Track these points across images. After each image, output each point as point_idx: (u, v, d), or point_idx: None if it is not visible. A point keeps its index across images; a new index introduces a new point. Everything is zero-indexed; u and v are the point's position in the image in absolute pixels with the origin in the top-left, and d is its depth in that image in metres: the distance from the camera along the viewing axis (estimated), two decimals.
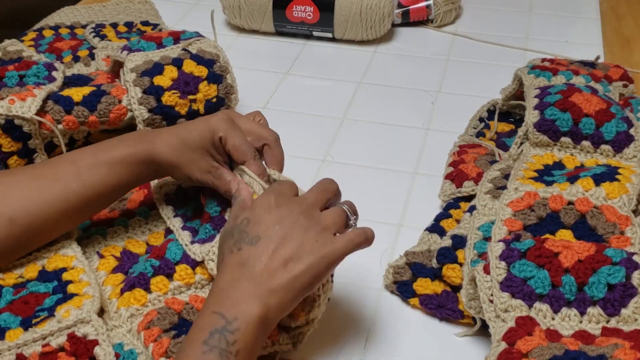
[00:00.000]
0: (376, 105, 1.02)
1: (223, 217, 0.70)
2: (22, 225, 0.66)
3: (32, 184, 0.68)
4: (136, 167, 0.69)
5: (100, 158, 0.68)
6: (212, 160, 0.68)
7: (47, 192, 0.67)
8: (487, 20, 1.25)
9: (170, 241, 0.71)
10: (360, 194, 0.84)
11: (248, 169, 0.68)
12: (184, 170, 0.69)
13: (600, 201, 0.70)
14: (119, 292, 0.67)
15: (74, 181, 0.68)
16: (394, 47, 1.18)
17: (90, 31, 1.12)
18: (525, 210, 0.70)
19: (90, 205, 0.70)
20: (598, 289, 0.60)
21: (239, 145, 0.68)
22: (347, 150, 0.92)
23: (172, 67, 0.86)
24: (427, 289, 0.68)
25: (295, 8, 1.15)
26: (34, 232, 0.68)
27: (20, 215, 0.66)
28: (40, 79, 0.86)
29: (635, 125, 0.81)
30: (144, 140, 0.69)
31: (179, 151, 0.68)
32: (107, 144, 0.70)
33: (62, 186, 0.68)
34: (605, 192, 0.71)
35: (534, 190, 0.72)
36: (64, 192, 0.67)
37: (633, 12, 1.26)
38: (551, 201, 0.70)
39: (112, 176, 0.68)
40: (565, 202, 0.70)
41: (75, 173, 0.68)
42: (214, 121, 0.68)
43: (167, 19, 1.22)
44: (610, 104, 0.82)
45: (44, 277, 0.68)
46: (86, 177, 0.68)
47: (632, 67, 1.04)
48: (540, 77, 0.92)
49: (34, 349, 0.60)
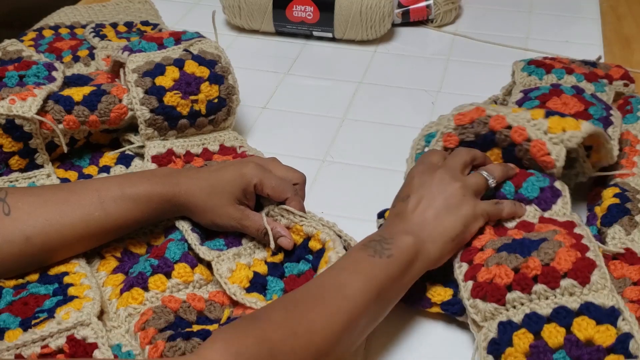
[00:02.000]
0: (376, 105, 1.02)
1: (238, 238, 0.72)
2: (37, 245, 0.66)
3: (54, 208, 0.68)
4: (160, 205, 0.70)
5: (126, 192, 0.69)
6: (240, 206, 0.71)
7: (68, 217, 0.67)
8: (487, 20, 1.25)
9: (170, 241, 0.71)
10: (360, 194, 0.84)
11: (289, 207, 0.71)
12: (210, 216, 0.71)
13: (537, 134, 0.72)
14: (119, 293, 0.67)
15: (97, 210, 0.68)
16: (394, 47, 1.18)
17: (90, 31, 1.12)
18: (467, 125, 0.76)
19: (109, 234, 0.71)
20: (532, 190, 0.70)
21: (277, 186, 0.71)
22: (347, 150, 0.92)
23: (173, 67, 0.86)
24: None
25: (295, 8, 1.15)
26: (48, 252, 0.68)
27: (37, 235, 0.66)
28: (40, 79, 0.86)
29: (614, 124, 0.81)
30: (172, 180, 0.71)
31: (208, 197, 0.70)
32: (133, 178, 0.71)
33: (84, 213, 0.68)
34: (548, 124, 0.73)
35: (483, 107, 0.77)
36: (85, 220, 0.68)
37: (633, 12, 1.26)
38: (492, 120, 0.74)
39: (135, 211, 0.69)
40: (504, 125, 0.74)
41: (99, 203, 0.68)
42: (246, 171, 0.70)
43: (167, 19, 1.22)
44: (590, 105, 0.82)
45: (45, 280, 0.68)
46: (110, 209, 0.69)
47: (632, 67, 1.04)
48: (533, 75, 0.92)
49: (32, 350, 0.60)
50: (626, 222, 0.70)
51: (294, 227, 0.71)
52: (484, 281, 0.62)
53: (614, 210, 0.71)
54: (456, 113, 0.78)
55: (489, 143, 0.75)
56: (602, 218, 0.71)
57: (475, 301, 0.62)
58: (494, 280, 0.61)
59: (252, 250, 0.71)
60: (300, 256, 0.69)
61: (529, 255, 0.62)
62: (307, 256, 0.69)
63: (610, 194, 0.74)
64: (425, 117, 0.91)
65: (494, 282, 0.61)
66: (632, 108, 0.90)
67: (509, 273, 0.61)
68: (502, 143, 0.74)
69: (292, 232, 0.71)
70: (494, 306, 0.61)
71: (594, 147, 0.76)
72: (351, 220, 0.80)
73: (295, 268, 0.69)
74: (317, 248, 0.69)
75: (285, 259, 0.70)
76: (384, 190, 0.81)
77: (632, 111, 0.89)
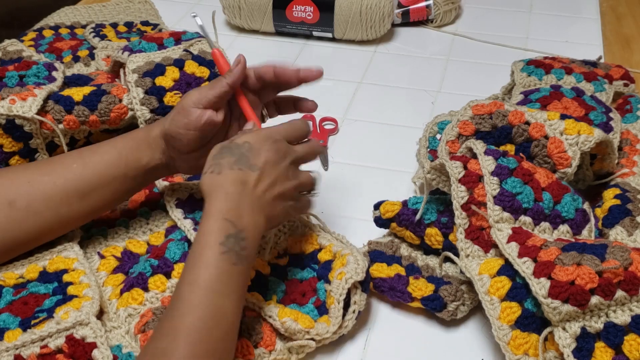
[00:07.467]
0: (376, 105, 1.02)
1: None
2: (22, 208, 0.66)
3: (34, 169, 0.69)
4: (137, 143, 0.70)
5: (102, 144, 0.70)
6: None
7: (47, 175, 0.68)
8: (487, 20, 1.25)
9: (170, 241, 0.71)
10: (360, 194, 0.84)
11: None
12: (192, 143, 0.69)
13: (554, 133, 0.73)
14: (119, 293, 0.67)
15: (75, 161, 0.69)
16: (394, 47, 1.18)
17: (90, 31, 1.12)
18: (485, 116, 0.76)
19: (92, 189, 0.69)
20: (569, 210, 0.68)
21: None
22: (347, 150, 0.92)
23: (173, 68, 0.86)
24: (381, 273, 0.69)
25: (295, 8, 1.15)
26: (34, 215, 0.67)
27: (20, 198, 0.66)
28: (41, 79, 0.86)
29: (614, 129, 0.81)
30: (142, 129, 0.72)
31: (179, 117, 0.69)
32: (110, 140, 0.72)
33: (63, 167, 0.69)
34: (565, 126, 0.73)
35: (501, 102, 0.78)
36: (63, 175, 0.68)
37: (633, 12, 1.26)
38: (511, 115, 0.75)
39: (112, 152, 0.69)
40: (523, 121, 0.75)
41: (79, 156, 0.70)
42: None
43: (167, 19, 1.22)
44: (590, 109, 0.83)
45: (45, 278, 0.68)
46: (87, 157, 0.69)
47: (632, 67, 1.04)
48: (532, 75, 0.92)
49: (32, 350, 0.60)
50: (628, 223, 0.69)
51: (310, 235, 0.71)
52: (565, 282, 0.58)
53: (615, 212, 0.71)
54: (473, 104, 0.78)
55: (504, 137, 0.76)
56: (604, 219, 0.71)
57: (555, 302, 0.58)
58: (576, 281, 0.58)
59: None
60: (307, 264, 0.69)
61: (603, 257, 0.59)
62: (313, 265, 0.69)
63: (611, 195, 0.73)
64: (425, 117, 0.91)
65: (576, 283, 0.58)
66: (632, 107, 0.90)
67: (594, 277, 0.58)
68: (519, 138, 0.74)
69: (307, 241, 0.71)
70: (576, 310, 0.58)
71: (599, 156, 0.77)
72: (351, 220, 0.80)
73: (299, 274, 0.69)
74: (325, 259, 0.69)
75: (289, 263, 0.70)
76: (384, 190, 0.82)
77: (632, 110, 0.89)
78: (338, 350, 0.65)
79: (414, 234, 0.72)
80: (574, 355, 0.57)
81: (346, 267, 0.64)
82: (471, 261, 0.66)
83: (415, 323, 0.68)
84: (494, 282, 0.62)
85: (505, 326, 0.60)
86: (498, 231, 0.65)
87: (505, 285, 0.62)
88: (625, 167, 0.78)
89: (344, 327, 0.64)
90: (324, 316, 0.64)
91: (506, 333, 0.59)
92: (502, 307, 0.60)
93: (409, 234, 0.72)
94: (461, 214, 0.68)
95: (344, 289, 0.63)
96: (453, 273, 0.70)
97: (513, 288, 0.61)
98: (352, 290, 0.64)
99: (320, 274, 0.67)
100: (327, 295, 0.65)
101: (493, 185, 0.68)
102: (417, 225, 0.71)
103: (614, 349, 0.57)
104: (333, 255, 0.68)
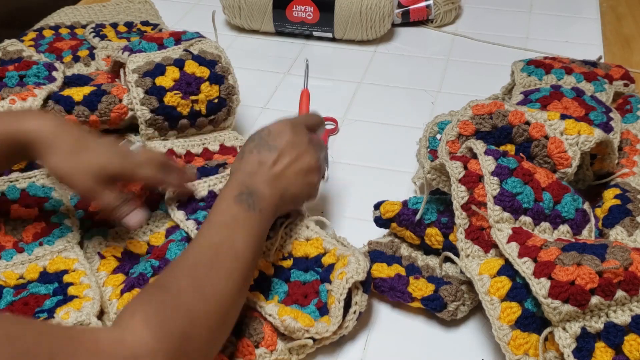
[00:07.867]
0: (376, 105, 1.02)
1: None
2: None
3: None
4: None
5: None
6: None
7: None
8: (487, 20, 1.25)
9: (171, 242, 0.71)
10: (361, 194, 0.84)
11: None
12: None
13: (554, 133, 0.73)
14: (119, 293, 0.67)
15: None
16: (394, 47, 1.18)
17: (90, 31, 1.12)
18: (485, 116, 0.77)
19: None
20: (569, 210, 0.68)
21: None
22: (347, 150, 0.92)
23: (173, 67, 0.86)
24: (381, 273, 0.69)
25: (295, 8, 1.15)
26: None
27: None
28: (41, 79, 0.86)
29: (614, 130, 0.81)
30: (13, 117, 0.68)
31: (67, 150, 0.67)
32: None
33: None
34: (565, 126, 0.74)
35: (501, 102, 0.78)
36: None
37: (633, 12, 1.26)
38: (511, 115, 0.75)
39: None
40: (523, 121, 0.75)
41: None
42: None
43: (167, 19, 1.22)
44: (590, 109, 0.83)
45: (45, 279, 0.68)
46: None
47: (632, 67, 1.04)
48: (532, 75, 0.92)
49: None
50: (628, 223, 0.69)
51: (315, 239, 0.71)
52: (565, 282, 0.58)
53: (615, 212, 0.71)
54: (473, 104, 0.78)
55: (504, 137, 0.76)
56: (604, 219, 0.71)
57: (555, 302, 0.58)
58: (576, 282, 0.58)
59: None
60: (310, 267, 0.69)
61: (603, 257, 0.59)
62: (316, 268, 0.69)
63: (611, 195, 0.73)
64: (425, 117, 0.91)
65: (576, 283, 0.58)
66: (632, 107, 0.90)
67: (594, 277, 0.58)
68: (519, 138, 0.75)
69: (312, 244, 0.71)
70: (576, 310, 0.58)
71: (599, 156, 0.77)
72: (351, 220, 0.80)
73: (302, 276, 0.69)
74: (328, 263, 0.69)
75: (293, 266, 0.70)
76: (384, 190, 0.81)
77: (632, 110, 0.89)
78: (338, 350, 0.65)
79: (414, 234, 0.72)
80: (574, 356, 0.57)
81: (347, 267, 0.64)
82: (471, 261, 0.66)
83: (415, 323, 0.68)
84: (494, 282, 0.62)
85: (505, 326, 0.60)
86: (498, 231, 0.65)
87: (505, 285, 0.62)
88: (625, 167, 0.78)
89: (344, 327, 0.64)
90: (324, 316, 0.64)
91: (506, 333, 0.59)
92: (502, 307, 0.60)
93: (409, 234, 0.72)
94: (461, 214, 0.68)
95: (344, 288, 0.63)
96: (453, 273, 0.70)
97: (513, 288, 0.61)
98: (353, 290, 0.64)
99: (323, 277, 0.68)
100: (328, 295, 0.65)
101: (493, 185, 0.68)
102: (417, 225, 0.71)
103: (614, 349, 0.57)
104: (336, 259, 0.68)
